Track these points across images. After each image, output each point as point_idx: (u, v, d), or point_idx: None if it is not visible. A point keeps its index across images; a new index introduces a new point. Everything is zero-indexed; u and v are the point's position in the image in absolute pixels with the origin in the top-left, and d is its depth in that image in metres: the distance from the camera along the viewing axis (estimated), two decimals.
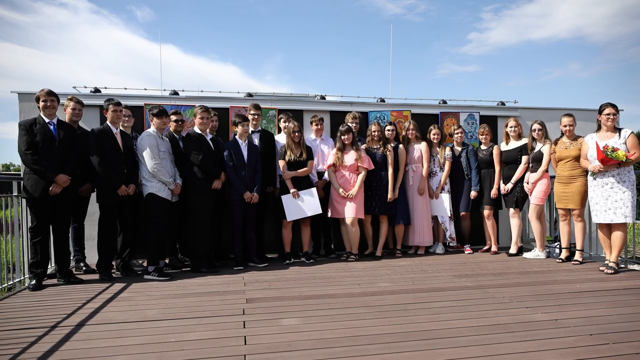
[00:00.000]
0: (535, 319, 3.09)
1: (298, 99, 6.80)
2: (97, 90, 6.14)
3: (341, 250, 5.90)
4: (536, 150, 5.56)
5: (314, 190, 5.40)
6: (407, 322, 3.08)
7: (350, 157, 5.52)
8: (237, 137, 5.24)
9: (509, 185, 5.74)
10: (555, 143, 5.33)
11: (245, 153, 5.18)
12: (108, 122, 4.68)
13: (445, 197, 6.02)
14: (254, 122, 5.54)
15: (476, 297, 3.74)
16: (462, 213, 6.09)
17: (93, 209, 5.08)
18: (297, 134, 5.38)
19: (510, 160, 5.80)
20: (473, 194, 5.98)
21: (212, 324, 3.10)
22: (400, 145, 5.88)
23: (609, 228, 4.79)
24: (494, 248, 6.03)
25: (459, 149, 6.13)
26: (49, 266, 4.73)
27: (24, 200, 4.61)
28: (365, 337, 2.78)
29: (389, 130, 5.86)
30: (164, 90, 6.46)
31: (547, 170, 5.50)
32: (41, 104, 4.33)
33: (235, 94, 6.76)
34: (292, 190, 5.33)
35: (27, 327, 3.10)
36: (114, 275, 4.76)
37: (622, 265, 5.05)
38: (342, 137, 5.53)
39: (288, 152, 5.39)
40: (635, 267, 5.40)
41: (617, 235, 4.69)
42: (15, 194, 4.74)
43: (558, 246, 5.62)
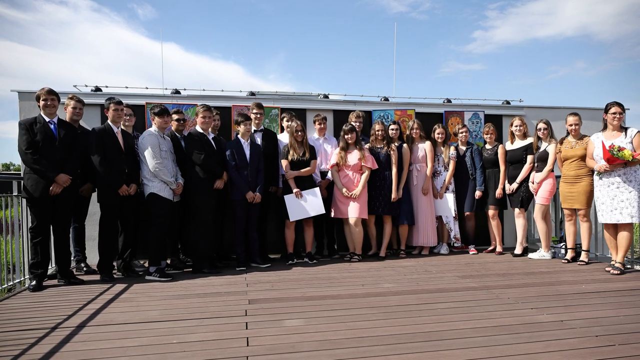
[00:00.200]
0: (540, 320, 3.08)
1: (301, 97, 6.78)
2: (98, 89, 6.13)
3: (344, 250, 5.87)
4: (541, 149, 5.54)
5: (317, 190, 5.38)
6: (411, 323, 3.07)
7: (353, 157, 5.49)
8: (239, 136, 5.21)
9: (514, 185, 5.72)
10: (561, 142, 5.30)
11: (247, 152, 5.15)
12: (109, 121, 4.65)
13: (450, 197, 5.98)
14: (257, 121, 5.51)
15: (481, 298, 3.72)
16: (467, 213, 6.05)
17: (94, 209, 5.07)
18: (300, 133, 5.35)
19: (515, 160, 5.77)
20: (478, 193, 5.95)
21: (214, 325, 3.09)
22: (404, 145, 5.85)
23: (615, 228, 4.77)
24: (498, 248, 6.01)
25: (464, 148, 6.10)
26: (50, 267, 4.72)
27: (24, 200, 4.59)
28: (369, 338, 2.77)
29: (392, 129, 5.83)
30: (166, 89, 6.46)
31: (552, 170, 5.47)
32: (41, 102, 4.31)
33: (238, 92, 6.76)
34: (295, 190, 5.30)
35: (27, 328, 3.09)
36: (115, 276, 4.74)
37: (629, 266, 5.02)
38: (346, 137, 5.50)
39: (291, 152, 5.37)
40: None
41: (623, 236, 4.67)
42: (16, 193, 4.73)
43: (563, 247, 5.59)
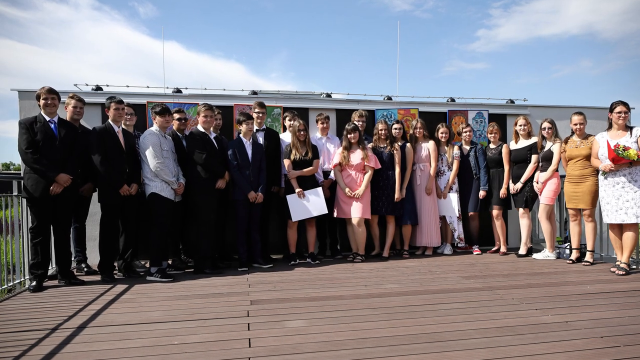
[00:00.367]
0: (545, 321, 3.07)
1: (303, 96, 6.76)
2: (98, 88, 6.12)
3: (347, 251, 5.85)
4: (546, 149, 5.51)
5: (319, 189, 5.35)
6: (415, 324, 3.05)
7: (356, 156, 5.46)
8: (241, 135, 5.19)
9: (519, 185, 5.68)
10: (566, 142, 5.28)
11: (249, 152, 5.13)
12: (110, 121, 4.63)
13: (454, 197, 5.95)
14: (259, 121, 5.49)
15: (485, 298, 3.70)
16: (471, 213, 6.02)
17: (95, 209, 5.05)
18: (302, 132, 5.33)
19: (519, 160, 5.73)
20: (482, 193, 5.91)
21: (215, 326, 3.08)
22: (408, 144, 5.83)
23: (620, 228, 4.75)
24: (503, 249, 5.97)
25: (468, 147, 6.06)
26: (50, 267, 4.69)
27: (24, 200, 4.57)
28: (372, 339, 2.76)
29: (396, 128, 5.80)
30: (167, 88, 6.44)
31: (557, 170, 5.44)
32: (42, 102, 4.29)
33: (240, 91, 6.75)
34: (297, 190, 5.27)
35: (28, 329, 3.08)
36: (115, 277, 4.72)
37: (634, 267, 4.98)
38: (349, 136, 5.48)
39: (293, 151, 5.34)
40: None
41: (628, 236, 4.65)
42: (16, 193, 4.71)
43: (568, 247, 5.57)
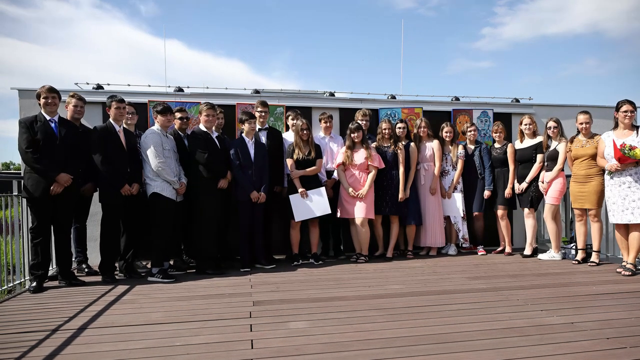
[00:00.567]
0: (550, 322, 3.05)
1: (306, 95, 6.74)
2: (99, 87, 6.11)
3: (351, 251, 5.82)
4: (551, 148, 5.47)
5: (322, 189, 5.32)
6: (419, 325, 3.02)
7: (360, 156, 5.42)
8: (243, 135, 5.16)
9: (524, 185, 5.64)
10: (571, 141, 5.24)
11: (252, 151, 5.09)
12: (111, 120, 4.61)
13: (458, 197, 5.91)
14: (261, 120, 5.46)
15: (490, 299, 3.68)
16: (475, 213, 5.98)
17: (95, 209, 5.02)
18: (305, 131, 5.29)
19: (524, 159, 5.69)
20: (486, 193, 5.88)
21: (218, 327, 3.05)
22: (412, 144, 5.79)
23: (626, 229, 4.72)
24: (508, 249, 5.94)
25: (472, 147, 6.03)
26: (50, 268, 4.67)
27: (24, 200, 4.54)
28: (377, 340, 2.74)
29: (400, 127, 5.76)
30: (169, 86, 6.42)
31: (562, 169, 5.41)
32: (42, 101, 4.26)
33: (242, 90, 6.74)
34: (300, 190, 5.23)
35: (28, 330, 3.06)
36: (117, 277, 4.69)
37: None
38: (352, 135, 5.44)
39: (296, 151, 5.31)
40: None
41: (634, 236, 4.61)
42: (16, 193, 4.69)
43: (574, 247, 5.54)
